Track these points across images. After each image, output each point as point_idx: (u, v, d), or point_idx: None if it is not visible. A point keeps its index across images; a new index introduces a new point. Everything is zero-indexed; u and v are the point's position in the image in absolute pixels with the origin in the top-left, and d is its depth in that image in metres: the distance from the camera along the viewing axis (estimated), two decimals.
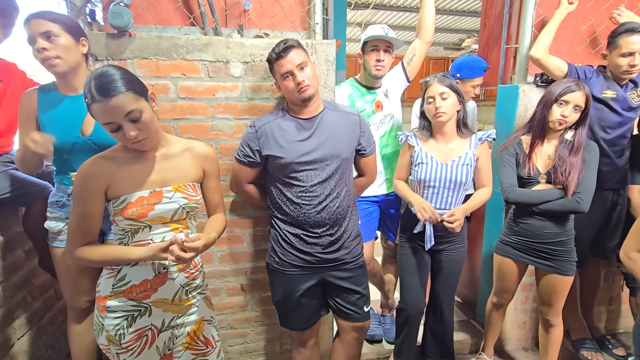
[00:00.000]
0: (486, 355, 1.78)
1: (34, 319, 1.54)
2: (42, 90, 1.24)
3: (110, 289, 1.00)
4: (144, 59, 1.38)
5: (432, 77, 1.42)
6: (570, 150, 1.43)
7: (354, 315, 1.39)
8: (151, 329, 1.03)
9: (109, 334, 0.99)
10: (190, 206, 1.05)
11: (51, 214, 1.29)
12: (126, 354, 1.01)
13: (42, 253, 1.47)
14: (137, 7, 1.42)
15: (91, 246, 0.98)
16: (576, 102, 1.40)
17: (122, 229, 1.00)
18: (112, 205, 0.98)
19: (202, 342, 1.14)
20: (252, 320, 1.68)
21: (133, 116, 0.90)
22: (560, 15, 1.66)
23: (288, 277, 1.32)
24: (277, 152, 1.25)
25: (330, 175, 1.28)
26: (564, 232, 1.47)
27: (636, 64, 1.51)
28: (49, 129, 1.22)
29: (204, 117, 1.46)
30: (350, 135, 1.33)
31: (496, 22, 1.98)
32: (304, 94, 1.22)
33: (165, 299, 1.03)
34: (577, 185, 1.41)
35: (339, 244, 1.32)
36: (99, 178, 0.95)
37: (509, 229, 1.58)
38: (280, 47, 1.21)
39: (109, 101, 0.87)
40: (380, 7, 4.30)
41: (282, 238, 1.32)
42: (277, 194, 1.31)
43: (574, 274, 1.49)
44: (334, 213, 1.29)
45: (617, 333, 2.13)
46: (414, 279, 1.54)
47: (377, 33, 1.62)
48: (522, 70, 1.77)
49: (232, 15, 1.54)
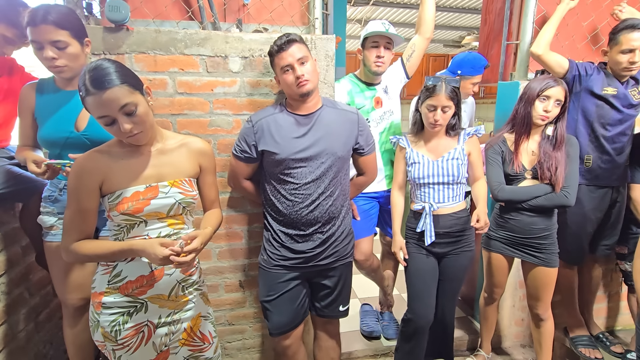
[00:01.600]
0: (484, 351, 1.79)
1: (32, 315, 1.53)
2: (40, 85, 1.23)
3: (105, 285, 0.99)
4: (142, 53, 1.36)
5: (441, 84, 1.34)
6: (554, 145, 1.46)
7: (330, 314, 1.41)
8: (147, 325, 1.02)
9: (104, 330, 0.98)
10: (187, 201, 1.04)
11: (44, 208, 1.28)
12: (122, 350, 1.00)
13: (38, 249, 1.47)
14: (135, 0, 1.41)
15: (86, 241, 0.97)
16: (557, 97, 1.43)
17: (117, 224, 0.99)
18: (108, 200, 0.97)
19: (198, 338, 1.14)
20: (251, 316, 1.68)
21: (128, 109, 0.90)
22: (562, 11, 1.65)
23: (272, 275, 1.32)
24: (272, 148, 1.24)
25: (324, 173, 1.27)
26: (549, 226, 1.52)
27: (636, 61, 1.50)
28: (43, 122, 1.21)
29: (202, 112, 1.45)
30: (348, 134, 1.32)
31: (497, 19, 1.97)
32: (303, 89, 1.21)
33: (161, 294, 1.02)
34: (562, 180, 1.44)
35: (329, 242, 1.32)
36: (94, 173, 0.95)
37: (495, 224, 1.60)
38: (282, 40, 1.20)
39: (103, 94, 0.86)
40: (380, 4, 4.27)
41: (273, 237, 1.32)
42: (271, 190, 1.31)
43: (557, 264, 1.53)
44: (327, 212, 1.29)
45: (615, 330, 2.13)
46: (422, 286, 1.48)
47: (377, 29, 1.60)
48: (522, 66, 1.77)
49: (230, 9, 1.52)
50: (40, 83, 1.24)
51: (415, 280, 1.49)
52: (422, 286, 1.48)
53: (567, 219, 1.70)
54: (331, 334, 1.48)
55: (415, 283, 1.49)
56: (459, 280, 1.53)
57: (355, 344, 1.93)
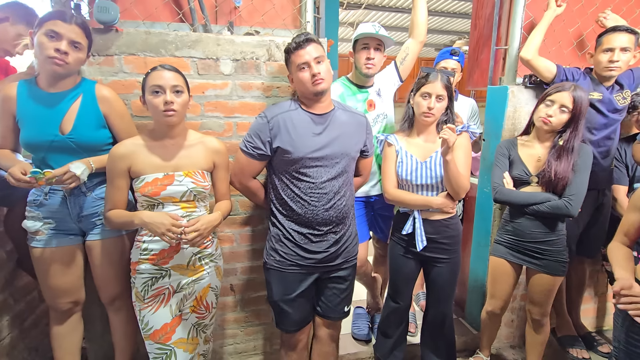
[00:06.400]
0: (483, 354, 1.79)
1: (17, 322, 1.50)
2: (22, 86, 1.20)
3: (138, 256, 1.21)
4: (132, 55, 1.35)
5: (436, 73, 1.37)
6: (559, 155, 1.42)
7: (334, 315, 1.41)
8: (168, 289, 1.23)
9: (137, 290, 1.21)
10: (198, 190, 1.21)
11: (29, 212, 1.25)
12: (146, 309, 1.21)
13: (21, 253, 1.44)
14: (125, 1, 1.40)
15: (115, 210, 1.20)
16: (562, 102, 1.40)
17: (141, 204, 1.21)
18: (134, 183, 1.18)
19: (204, 307, 1.31)
20: (242, 320, 1.66)
21: (177, 89, 1.15)
22: (549, 17, 1.69)
23: (288, 276, 1.30)
24: (289, 145, 1.23)
25: (339, 173, 1.28)
26: (554, 233, 1.48)
27: (615, 60, 1.55)
28: (26, 125, 1.19)
29: (193, 115, 1.44)
30: (358, 136, 1.35)
31: (486, 24, 2.00)
32: (318, 87, 1.22)
33: (181, 264, 1.23)
34: (567, 189, 1.41)
35: (341, 243, 1.33)
36: (125, 158, 1.16)
37: (502, 228, 1.60)
38: (301, 38, 1.22)
39: (165, 71, 1.15)
40: (372, 7, 4.30)
41: (285, 237, 1.29)
42: (282, 189, 1.28)
43: (563, 274, 1.50)
44: (341, 211, 1.30)
45: (602, 330, 2.17)
46: (402, 285, 1.56)
47: (367, 31, 1.61)
48: (511, 71, 1.80)
49: (222, 12, 1.52)
50: (22, 84, 1.21)
51: (396, 276, 1.56)
52: (401, 286, 1.56)
53: None
54: (333, 337, 1.47)
55: (395, 278, 1.57)
56: (452, 284, 1.53)
57: (347, 347, 1.92)
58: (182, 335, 1.25)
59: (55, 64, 1.13)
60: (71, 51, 1.15)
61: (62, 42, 1.13)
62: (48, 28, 1.12)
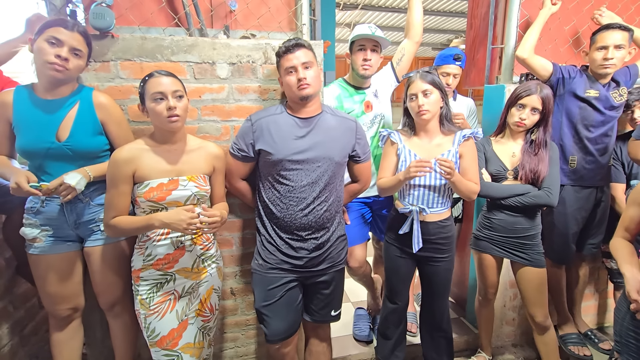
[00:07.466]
0: (485, 353, 1.80)
1: (16, 329, 1.49)
2: (18, 92, 1.20)
3: (141, 263, 1.20)
4: (128, 60, 1.35)
5: (415, 73, 1.40)
6: (534, 150, 1.49)
7: (320, 319, 1.41)
8: (173, 294, 1.23)
9: (142, 298, 1.20)
10: (201, 194, 1.23)
11: (27, 220, 1.25)
12: (152, 316, 1.19)
13: (20, 260, 1.43)
14: (120, 7, 1.39)
15: (122, 217, 1.16)
16: (532, 105, 1.46)
17: (143, 209, 1.19)
18: (137, 188, 1.16)
19: (208, 309, 1.31)
20: (243, 324, 1.66)
21: (178, 94, 1.16)
22: (544, 16, 1.69)
23: (269, 280, 1.31)
24: (269, 148, 1.25)
25: (319, 177, 1.27)
26: (533, 227, 1.54)
27: (609, 57, 1.55)
28: (22, 132, 1.19)
29: (190, 119, 1.44)
30: (346, 141, 1.35)
31: (482, 23, 2.00)
32: (303, 92, 1.24)
33: (186, 267, 1.23)
34: (544, 181, 1.48)
35: (324, 248, 1.32)
36: (129, 162, 1.14)
37: (480, 224, 1.63)
38: (291, 43, 1.24)
39: (163, 77, 1.15)
40: (369, 8, 4.31)
41: (267, 241, 1.31)
42: (265, 191, 1.31)
43: (544, 265, 1.55)
44: (321, 217, 1.29)
45: (603, 327, 2.17)
46: (399, 285, 1.56)
47: (364, 32, 1.61)
48: (507, 70, 1.80)
49: (217, 15, 1.52)
50: (18, 91, 1.20)
51: (392, 276, 1.57)
52: (398, 286, 1.57)
53: (553, 219, 1.73)
54: (322, 338, 1.48)
55: (392, 279, 1.57)
56: (447, 282, 1.54)
57: (349, 348, 1.92)
58: (189, 339, 1.25)
59: (55, 69, 1.13)
60: (72, 58, 1.15)
61: (63, 49, 1.13)
62: (49, 34, 1.12)
